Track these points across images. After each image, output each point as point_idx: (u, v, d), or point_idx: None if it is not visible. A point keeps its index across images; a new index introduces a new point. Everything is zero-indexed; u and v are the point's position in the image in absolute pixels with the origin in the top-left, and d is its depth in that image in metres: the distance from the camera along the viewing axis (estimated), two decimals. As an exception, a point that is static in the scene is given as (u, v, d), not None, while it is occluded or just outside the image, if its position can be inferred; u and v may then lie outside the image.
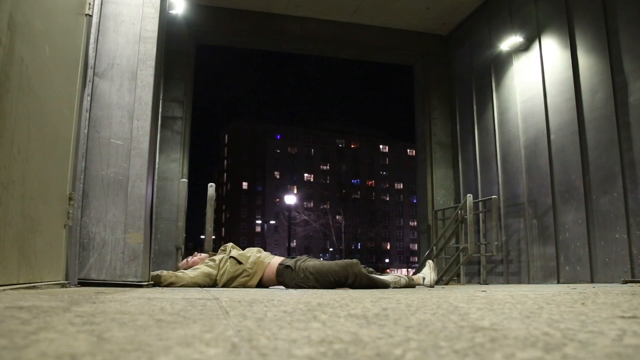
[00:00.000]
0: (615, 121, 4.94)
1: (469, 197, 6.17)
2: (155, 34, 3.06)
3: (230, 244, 3.91)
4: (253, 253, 3.69)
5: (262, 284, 3.56)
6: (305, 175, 74.90)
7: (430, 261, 3.91)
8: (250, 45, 8.63)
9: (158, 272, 3.40)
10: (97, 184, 2.85)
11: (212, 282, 3.49)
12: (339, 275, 3.33)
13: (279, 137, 75.60)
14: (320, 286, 3.34)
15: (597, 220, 5.10)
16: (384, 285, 3.42)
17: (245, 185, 73.79)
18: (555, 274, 5.60)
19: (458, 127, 7.80)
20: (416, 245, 54.44)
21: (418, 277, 3.81)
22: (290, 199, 40.06)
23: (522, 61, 6.44)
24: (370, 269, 3.58)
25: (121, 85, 2.98)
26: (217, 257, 3.67)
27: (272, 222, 65.29)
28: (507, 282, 6.34)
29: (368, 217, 61.89)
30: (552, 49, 5.92)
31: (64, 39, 2.55)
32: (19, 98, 1.93)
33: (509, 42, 6.56)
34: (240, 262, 3.58)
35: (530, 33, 6.30)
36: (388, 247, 74.81)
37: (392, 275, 3.64)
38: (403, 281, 3.62)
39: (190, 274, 3.46)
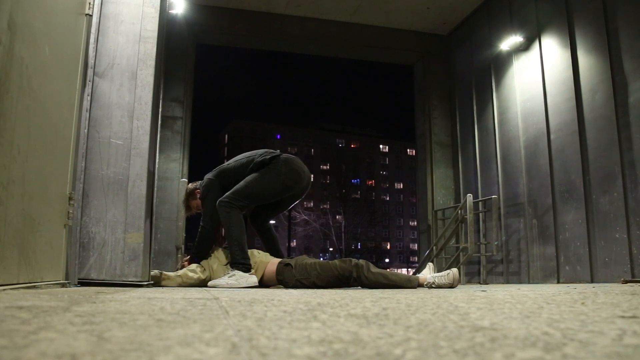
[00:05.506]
0: (615, 121, 4.93)
1: (469, 197, 6.17)
2: (155, 34, 3.06)
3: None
4: (252, 254, 3.72)
5: (262, 283, 3.58)
6: (305, 175, 74.71)
7: (430, 263, 3.90)
8: (250, 45, 8.62)
9: (156, 271, 3.45)
10: (97, 184, 2.85)
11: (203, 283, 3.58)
12: (344, 270, 3.33)
13: (279, 137, 75.57)
14: (320, 282, 3.35)
15: (597, 220, 5.09)
16: (406, 281, 3.32)
17: (245, 185, 73.60)
18: (555, 274, 5.60)
19: (458, 127, 7.80)
20: (416, 245, 54.42)
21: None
22: (290, 199, 39.94)
23: (522, 61, 6.43)
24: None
25: (121, 85, 2.98)
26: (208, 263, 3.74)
27: (272, 221, 64.98)
28: (507, 282, 6.34)
29: (368, 217, 61.86)
30: (552, 49, 5.91)
31: (64, 38, 2.55)
32: (19, 98, 1.93)
33: (509, 42, 6.55)
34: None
35: (530, 33, 6.30)
36: (388, 247, 74.78)
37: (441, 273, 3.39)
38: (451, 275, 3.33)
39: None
